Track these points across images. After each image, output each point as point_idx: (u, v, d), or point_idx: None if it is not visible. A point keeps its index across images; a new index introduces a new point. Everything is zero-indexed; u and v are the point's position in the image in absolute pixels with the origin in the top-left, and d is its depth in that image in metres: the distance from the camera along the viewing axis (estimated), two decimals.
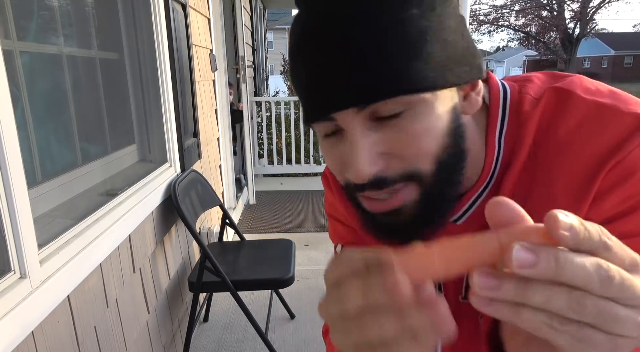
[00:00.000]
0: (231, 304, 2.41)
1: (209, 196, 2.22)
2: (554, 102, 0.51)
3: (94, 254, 1.22)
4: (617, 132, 0.47)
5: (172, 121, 1.98)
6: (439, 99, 0.44)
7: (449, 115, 0.46)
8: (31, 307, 0.93)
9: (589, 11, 28.11)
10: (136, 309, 1.53)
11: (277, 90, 9.15)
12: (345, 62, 0.43)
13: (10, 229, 0.92)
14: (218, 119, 3.21)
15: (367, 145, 0.44)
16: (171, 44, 1.94)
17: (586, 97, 0.50)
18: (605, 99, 0.50)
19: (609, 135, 0.47)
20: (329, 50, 0.43)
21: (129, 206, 1.48)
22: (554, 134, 0.50)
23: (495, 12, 30.58)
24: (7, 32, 1.12)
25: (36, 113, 1.22)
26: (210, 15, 3.03)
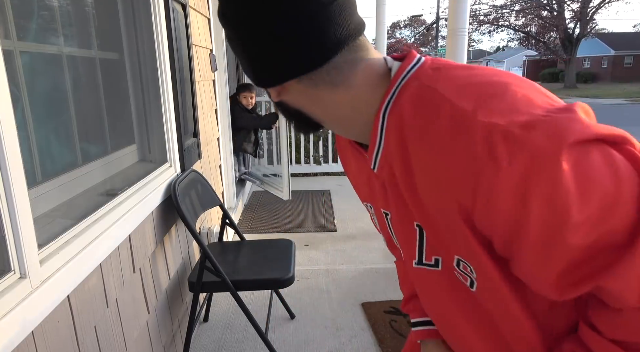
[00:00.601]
0: (231, 304, 2.41)
1: (209, 196, 2.22)
2: (418, 97, 0.60)
3: (94, 254, 1.22)
4: (468, 147, 0.52)
5: (172, 121, 1.98)
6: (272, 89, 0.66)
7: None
8: (31, 307, 0.93)
9: (589, 11, 28.10)
10: (136, 309, 1.53)
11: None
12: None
13: (10, 229, 0.92)
14: (218, 119, 3.21)
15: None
16: (171, 44, 1.94)
17: (449, 98, 0.56)
18: (468, 102, 0.54)
19: (462, 150, 0.53)
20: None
21: (129, 206, 1.48)
22: (413, 128, 0.59)
23: (495, 12, 30.58)
24: (7, 32, 1.12)
25: (36, 113, 1.22)
26: (210, 15, 3.03)
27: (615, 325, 0.57)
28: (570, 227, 0.49)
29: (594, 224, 0.49)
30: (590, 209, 0.49)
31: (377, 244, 3.29)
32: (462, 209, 0.55)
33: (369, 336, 2.16)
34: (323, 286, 2.66)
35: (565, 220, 0.49)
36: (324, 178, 5.35)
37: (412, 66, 0.63)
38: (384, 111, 0.63)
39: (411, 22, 50.15)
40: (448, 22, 2.38)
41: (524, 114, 0.51)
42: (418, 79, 0.61)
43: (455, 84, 0.58)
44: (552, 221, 0.50)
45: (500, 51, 57.79)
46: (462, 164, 0.53)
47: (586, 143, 0.50)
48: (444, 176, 0.55)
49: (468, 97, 0.55)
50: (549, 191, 0.49)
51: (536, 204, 0.49)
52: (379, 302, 2.41)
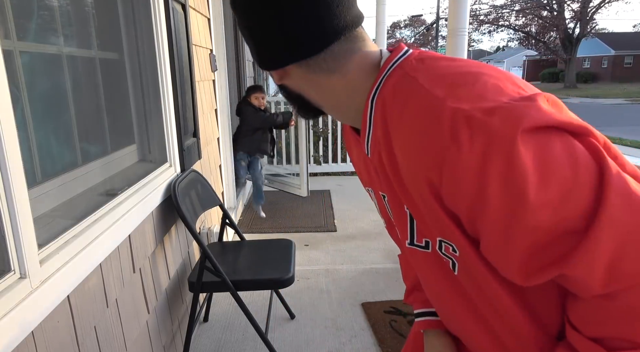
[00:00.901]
0: (231, 304, 2.41)
1: (209, 196, 2.22)
2: (398, 84, 0.64)
3: (94, 254, 1.22)
4: (436, 129, 0.56)
5: (172, 121, 1.98)
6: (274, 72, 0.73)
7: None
8: (31, 307, 0.93)
9: (589, 11, 28.10)
10: (136, 309, 1.53)
11: (277, 90, 9.15)
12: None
13: (10, 229, 0.92)
14: (218, 119, 3.21)
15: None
16: (171, 44, 1.94)
17: (425, 85, 0.60)
18: (441, 89, 0.59)
19: (431, 131, 0.57)
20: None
21: (129, 206, 1.48)
22: (393, 112, 0.64)
23: (495, 12, 30.59)
24: (7, 32, 1.12)
25: (36, 113, 1.22)
26: (210, 15, 3.03)
27: (589, 320, 0.58)
28: (529, 208, 0.52)
29: (555, 209, 0.52)
30: (550, 192, 0.51)
31: (377, 244, 3.29)
32: (432, 186, 0.59)
33: (369, 336, 2.16)
34: (323, 286, 2.66)
35: (523, 201, 0.52)
36: (324, 178, 5.35)
37: (399, 57, 0.67)
38: (372, 98, 0.67)
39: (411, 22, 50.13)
40: (448, 22, 2.38)
41: (489, 101, 0.55)
42: (402, 68, 0.65)
43: (433, 73, 0.62)
44: (509, 201, 0.53)
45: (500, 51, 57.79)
46: (431, 144, 0.57)
47: (545, 129, 0.53)
48: (417, 155, 0.60)
49: (441, 85, 0.59)
50: (504, 171, 0.52)
51: (494, 183, 0.53)
52: (379, 302, 2.41)
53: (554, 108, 0.56)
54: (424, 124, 0.58)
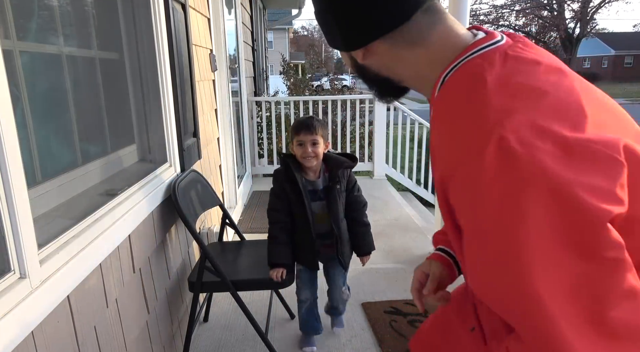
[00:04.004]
0: (231, 304, 2.41)
1: (209, 196, 2.22)
2: (467, 75, 0.66)
3: (94, 254, 1.22)
4: (474, 138, 0.57)
5: (172, 121, 1.98)
6: (344, 55, 0.78)
7: (350, 59, 0.78)
8: (31, 307, 0.93)
9: (589, 11, 28.09)
10: (136, 309, 1.52)
11: (276, 90, 9.14)
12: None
13: (10, 229, 0.92)
14: (218, 119, 3.21)
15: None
16: (171, 44, 1.94)
17: (489, 87, 0.61)
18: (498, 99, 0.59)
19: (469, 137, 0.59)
20: None
21: (129, 206, 1.48)
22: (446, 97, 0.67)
23: (495, 11, 30.56)
24: (7, 32, 1.12)
25: (36, 113, 1.22)
26: (210, 15, 3.03)
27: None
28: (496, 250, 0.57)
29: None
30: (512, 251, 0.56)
31: (377, 244, 3.28)
32: (442, 180, 0.63)
33: (369, 336, 2.16)
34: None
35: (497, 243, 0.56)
36: None
37: (488, 45, 0.67)
38: (445, 76, 0.69)
39: None
40: None
41: (534, 134, 0.54)
42: (482, 59, 0.65)
43: (504, 75, 0.62)
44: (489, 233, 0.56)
45: None
46: (460, 145, 0.59)
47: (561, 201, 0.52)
48: (445, 146, 0.63)
49: (504, 93, 0.60)
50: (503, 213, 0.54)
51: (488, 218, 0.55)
52: (379, 302, 2.41)
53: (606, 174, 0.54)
54: (463, 122, 0.60)
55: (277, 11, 12.91)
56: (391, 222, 3.74)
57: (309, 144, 1.76)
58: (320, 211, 1.85)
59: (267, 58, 9.07)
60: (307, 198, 1.81)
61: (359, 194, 1.95)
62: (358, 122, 5.06)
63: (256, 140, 5.42)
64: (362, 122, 5.35)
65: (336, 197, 1.84)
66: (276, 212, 1.87)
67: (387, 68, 0.75)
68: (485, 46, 0.67)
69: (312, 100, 5.73)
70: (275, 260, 1.83)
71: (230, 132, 3.47)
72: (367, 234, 1.97)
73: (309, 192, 1.83)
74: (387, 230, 3.54)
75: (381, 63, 0.74)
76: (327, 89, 9.27)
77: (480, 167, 0.55)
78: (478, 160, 0.55)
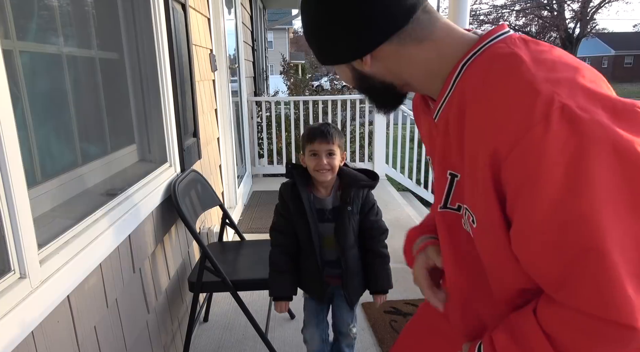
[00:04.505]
0: (231, 304, 2.41)
1: (209, 196, 2.22)
2: (498, 55, 0.67)
3: (94, 254, 1.22)
4: (530, 105, 0.58)
5: (172, 121, 1.98)
6: (337, 67, 0.80)
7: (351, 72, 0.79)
8: (31, 307, 0.93)
9: (589, 11, 28.09)
10: (136, 309, 1.53)
11: (276, 90, 9.14)
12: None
13: (10, 229, 0.92)
14: (218, 119, 3.21)
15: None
16: (171, 44, 1.94)
17: (527, 61, 0.63)
18: (541, 70, 0.61)
19: (522, 105, 0.59)
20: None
21: (129, 205, 1.48)
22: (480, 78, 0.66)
23: (495, 12, 30.55)
24: (7, 32, 1.12)
25: (36, 113, 1.22)
26: (210, 15, 3.03)
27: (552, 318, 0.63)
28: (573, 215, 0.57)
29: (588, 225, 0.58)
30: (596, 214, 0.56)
31: None
32: (494, 157, 0.61)
33: (369, 336, 2.16)
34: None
35: (573, 207, 0.56)
36: None
37: (503, 33, 0.70)
38: (464, 63, 0.70)
39: None
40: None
41: (588, 100, 0.58)
42: (504, 43, 0.68)
43: (536, 54, 0.64)
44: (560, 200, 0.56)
45: None
46: (515, 117, 0.59)
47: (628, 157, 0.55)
48: (492, 123, 0.61)
49: (543, 67, 0.62)
50: (575, 174, 0.55)
51: (561, 179, 0.56)
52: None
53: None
54: (514, 96, 0.60)
55: (277, 11, 12.92)
56: (391, 222, 3.73)
57: (324, 154, 1.48)
58: (329, 234, 1.57)
59: (267, 58, 9.07)
60: (314, 218, 1.54)
61: (377, 219, 1.62)
62: (358, 122, 5.06)
63: (256, 140, 5.42)
64: (362, 122, 5.35)
65: (345, 220, 1.54)
66: (279, 233, 1.64)
67: (394, 72, 0.75)
68: (501, 34, 0.69)
69: (312, 100, 5.73)
70: (276, 293, 1.63)
71: (230, 132, 3.47)
72: (384, 267, 1.62)
73: (317, 212, 1.56)
74: None
75: (388, 67, 0.74)
76: (327, 89, 9.27)
77: (545, 136, 0.56)
78: (542, 129, 0.56)
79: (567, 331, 0.61)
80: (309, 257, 1.59)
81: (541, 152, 0.56)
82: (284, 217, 1.62)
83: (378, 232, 1.62)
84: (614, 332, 0.57)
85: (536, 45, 0.67)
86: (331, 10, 0.72)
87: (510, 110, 0.60)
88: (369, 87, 0.79)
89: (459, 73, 0.70)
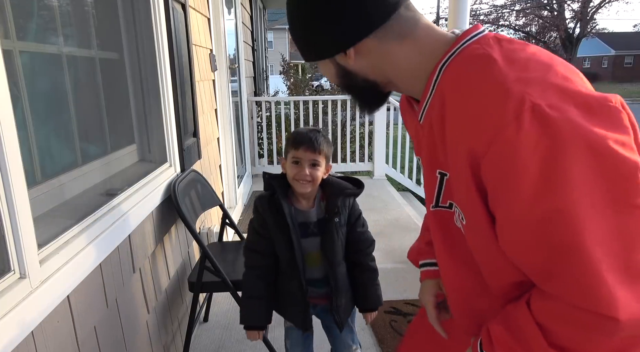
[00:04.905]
0: (231, 304, 2.41)
1: (209, 196, 2.22)
2: (472, 56, 0.68)
3: (94, 254, 1.22)
4: (501, 104, 0.59)
5: (172, 121, 1.98)
6: (322, 63, 0.80)
7: (335, 68, 0.79)
8: (31, 307, 0.93)
9: (589, 11, 28.08)
10: (136, 309, 1.53)
11: (276, 90, 9.14)
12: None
13: (10, 229, 0.92)
14: (218, 119, 3.21)
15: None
16: (171, 44, 1.94)
17: (498, 60, 0.64)
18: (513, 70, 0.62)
19: (494, 104, 0.60)
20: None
21: (129, 205, 1.48)
22: (457, 78, 0.68)
23: (495, 11, 30.55)
24: (7, 32, 1.12)
25: (36, 113, 1.22)
26: (210, 15, 3.03)
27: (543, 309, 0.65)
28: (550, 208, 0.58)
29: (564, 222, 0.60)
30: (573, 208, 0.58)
31: (377, 244, 3.27)
32: (472, 156, 0.63)
33: (369, 336, 2.16)
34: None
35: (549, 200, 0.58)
36: None
37: (478, 33, 0.71)
38: (442, 65, 0.71)
39: None
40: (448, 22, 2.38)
41: (558, 98, 0.59)
42: (478, 43, 0.69)
43: (508, 54, 0.66)
44: (538, 195, 0.58)
45: None
46: (489, 117, 0.60)
47: (599, 154, 0.56)
48: (468, 123, 0.63)
49: (514, 66, 0.63)
50: (549, 171, 0.56)
51: (535, 177, 0.57)
52: None
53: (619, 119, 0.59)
54: (487, 97, 0.62)
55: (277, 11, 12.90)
56: (391, 222, 3.74)
57: (307, 164, 1.34)
58: (314, 250, 1.42)
59: (267, 58, 9.07)
60: (297, 233, 1.37)
61: (364, 230, 1.50)
62: (358, 122, 5.06)
63: (256, 140, 5.42)
64: (362, 122, 5.35)
65: (333, 233, 1.40)
66: (254, 253, 1.45)
67: (377, 68, 0.76)
68: (476, 34, 0.71)
69: (312, 100, 5.73)
70: (249, 322, 1.45)
71: (230, 132, 3.48)
72: (374, 282, 1.52)
73: (299, 226, 1.39)
74: (387, 230, 3.54)
75: (371, 64, 0.75)
76: (327, 88, 9.27)
77: (517, 136, 0.57)
78: (514, 130, 0.57)
79: (557, 322, 0.63)
80: (291, 279, 1.41)
81: (515, 152, 0.57)
82: (260, 235, 1.43)
83: (365, 245, 1.50)
84: (597, 323, 0.59)
85: (509, 43, 0.68)
86: (313, 5, 0.73)
87: (483, 111, 0.61)
88: (352, 85, 0.80)
89: (438, 75, 0.71)
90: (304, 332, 1.50)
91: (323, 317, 1.55)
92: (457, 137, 0.66)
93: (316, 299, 1.48)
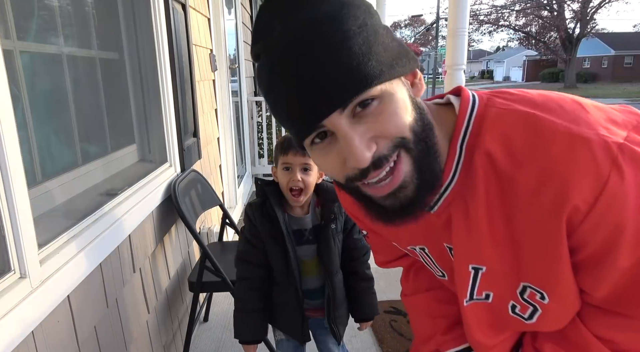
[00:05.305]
0: (231, 304, 2.41)
1: (209, 196, 2.22)
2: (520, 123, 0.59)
3: (94, 254, 1.22)
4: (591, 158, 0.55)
5: (172, 121, 1.98)
6: (394, 87, 0.57)
7: (407, 97, 0.59)
8: (31, 307, 0.93)
9: (589, 11, 28.10)
10: (136, 309, 1.53)
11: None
12: (320, 76, 0.53)
13: (10, 229, 0.92)
14: (218, 119, 3.21)
15: (358, 135, 0.55)
16: (171, 44, 1.94)
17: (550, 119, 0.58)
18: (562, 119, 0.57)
19: (584, 161, 0.55)
20: (304, 70, 0.54)
21: (129, 205, 1.48)
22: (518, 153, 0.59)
23: (495, 12, 30.61)
24: (7, 32, 1.12)
25: (36, 113, 1.22)
26: (210, 15, 3.03)
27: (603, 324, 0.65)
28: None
29: None
30: None
31: None
32: (574, 216, 0.57)
33: (369, 336, 2.16)
34: None
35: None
36: None
37: (473, 100, 0.63)
38: (461, 143, 0.62)
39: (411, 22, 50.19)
40: (448, 22, 2.38)
41: (612, 129, 0.57)
42: (491, 106, 0.62)
43: (529, 103, 0.60)
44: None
45: (500, 51, 57.79)
46: (583, 170, 0.55)
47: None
48: (562, 185, 0.56)
49: (553, 113, 0.58)
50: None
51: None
52: (379, 302, 2.40)
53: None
54: (569, 151, 0.56)
55: None
56: None
57: (298, 169, 1.28)
58: (309, 258, 1.37)
59: None
60: (292, 242, 1.32)
61: (359, 238, 1.44)
62: None
63: (256, 140, 5.42)
64: None
65: (330, 240, 1.34)
66: (247, 264, 1.39)
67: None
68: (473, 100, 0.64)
69: None
70: (244, 337, 1.40)
71: (230, 132, 3.48)
72: (370, 291, 1.48)
73: (293, 233, 1.34)
74: None
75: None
76: None
77: (623, 182, 0.55)
78: (617, 176, 0.55)
79: (621, 332, 0.63)
80: (286, 289, 1.36)
81: (624, 199, 0.55)
82: (252, 245, 1.37)
83: (362, 252, 1.45)
84: None
85: (508, 94, 0.64)
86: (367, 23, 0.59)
87: (569, 167, 0.56)
88: (425, 127, 0.60)
89: (460, 155, 0.62)
90: (301, 344, 1.45)
91: (316, 330, 1.51)
92: (545, 205, 0.58)
93: (310, 311, 1.43)
